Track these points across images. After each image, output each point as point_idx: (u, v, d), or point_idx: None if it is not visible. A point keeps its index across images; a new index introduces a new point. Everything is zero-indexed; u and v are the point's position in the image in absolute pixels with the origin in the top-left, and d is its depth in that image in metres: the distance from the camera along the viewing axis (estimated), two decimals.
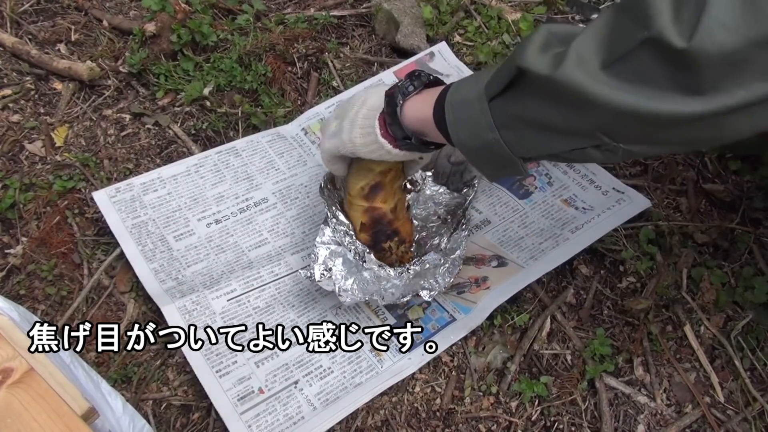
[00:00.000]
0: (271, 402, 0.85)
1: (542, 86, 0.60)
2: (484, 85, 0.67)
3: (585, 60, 0.56)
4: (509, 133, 0.66)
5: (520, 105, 0.64)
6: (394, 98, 0.76)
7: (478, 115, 0.67)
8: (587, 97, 0.56)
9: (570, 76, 0.56)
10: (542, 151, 0.68)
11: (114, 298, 0.98)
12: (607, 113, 0.56)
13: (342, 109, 0.84)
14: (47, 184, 1.09)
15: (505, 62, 0.65)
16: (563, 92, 0.58)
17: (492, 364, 0.91)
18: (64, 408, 0.59)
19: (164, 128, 1.19)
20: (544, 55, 0.60)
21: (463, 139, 0.70)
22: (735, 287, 0.95)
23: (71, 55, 1.30)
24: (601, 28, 0.57)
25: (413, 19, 1.31)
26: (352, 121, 0.80)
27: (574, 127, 0.61)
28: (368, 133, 0.79)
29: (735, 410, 0.86)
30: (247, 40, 1.28)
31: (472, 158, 0.72)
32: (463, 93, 0.70)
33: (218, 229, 1.04)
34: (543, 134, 0.64)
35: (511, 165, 0.70)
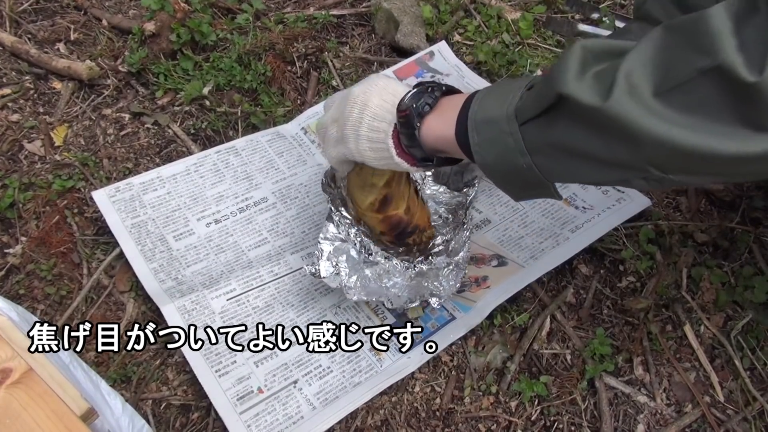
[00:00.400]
0: (270, 401, 0.85)
1: (588, 116, 0.56)
2: (515, 107, 0.62)
3: (636, 87, 0.52)
4: (544, 159, 0.62)
5: (559, 132, 0.59)
6: (411, 120, 0.70)
7: (507, 138, 0.62)
8: (641, 132, 0.52)
9: (622, 108, 0.52)
10: (581, 180, 0.64)
11: (113, 298, 0.97)
12: (662, 149, 0.53)
13: (339, 110, 0.77)
14: (46, 183, 1.09)
15: (541, 86, 0.61)
16: (612, 124, 0.54)
17: (492, 364, 0.91)
18: (63, 408, 0.59)
19: (163, 128, 1.19)
20: (585, 77, 0.56)
21: (489, 161, 0.65)
22: (735, 287, 0.95)
23: (70, 54, 1.30)
24: (652, 50, 0.53)
25: (413, 19, 1.31)
26: (356, 131, 0.75)
27: (622, 159, 0.57)
28: (380, 149, 0.74)
29: (735, 410, 0.86)
30: (246, 40, 1.28)
31: (498, 180, 0.68)
32: (489, 111, 0.64)
33: (218, 228, 1.04)
34: (583, 163, 0.60)
35: (542, 188, 0.66)
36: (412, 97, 0.71)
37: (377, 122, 0.73)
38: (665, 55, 0.52)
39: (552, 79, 0.58)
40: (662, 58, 0.52)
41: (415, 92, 0.72)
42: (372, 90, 0.75)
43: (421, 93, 0.71)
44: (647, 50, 0.53)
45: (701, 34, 0.49)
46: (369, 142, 0.75)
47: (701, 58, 0.49)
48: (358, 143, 0.75)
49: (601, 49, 0.58)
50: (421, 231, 0.91)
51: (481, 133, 0.65)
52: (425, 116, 0.70)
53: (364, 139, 0.74)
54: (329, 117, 0.80)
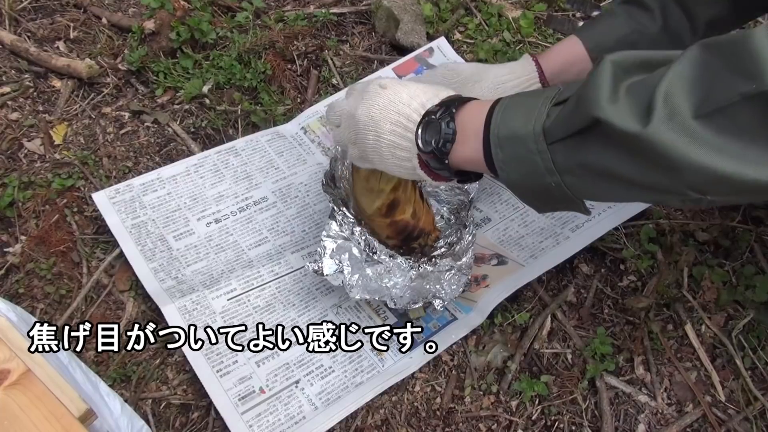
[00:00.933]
0: (272, 402, 0.85)
1: (624, 141, 0.54)
2: (542, 125, 0.60)
3: (676, 110, 0.51)
4: (574, 179, 0.60)
5: (591, 154, 0.58)
6: (437, 156, 0.69)
7: (535, 157, 0.61)
8: (681, 159, 0.51)
9: (663, 135, 0.51)
10: (612, 199, 0.62)
11: (113, 297, 0.97)
12: (702, 175, 0.51)
13: (352, 134, 0.75)
14: (46, 182, 1.09)
15: (573, 105, 0.59)
16: (651, 150, 0.52)
17: (492, 363, 0.91)
18: (61, 410, 0.59)
19: (163, 126, 1.19)
20: (619, 96, 0.54)
21: (515, 179, 0.64)
22: (736, 286, 0.95)
23: (70, 52, 1.29)
24: (691, 70, 0.52)
25: (413, 17, 1.31)
26: (379, 155, 0.73)
27: (659, 184, 0.56)
28: (409, 172, 0.73)
29: (736, 409, 0.86)
30: (246, 38, 1.28)
31: (523, 196, 0.67)
32: (513, 128, 0.62)
33: (218, 228, 1.03)
34: (617, 185, 0.59)
35: (570, 204, 0.64)
36: (428, 131, 0.69)
37: (398, 151, 0.72)
38: (705, 75, 0.51)
39: (585, 100, 0.56)
40: (702, 79, 0.51)
41: (425, 124, 0.69)
42: (376, 113, 0.72)
43: (431, 123, 0.69)
44: (686, 69, 0.52)
45: (744, 56, 0.48)
46: (396, 167, 0.74)
47: (745, 82, 0.48)
48: (384, 164, 0.75)
49: (632, 63, 0.57)
50: (426, 234, 0.91)
51: (505, 150, 0.63)
52: (450, 148, 0.69)
53: (389, 161, 0.74)
54: (346, 138, 0.78)
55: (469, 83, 0.91)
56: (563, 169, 0.60)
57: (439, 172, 0.71)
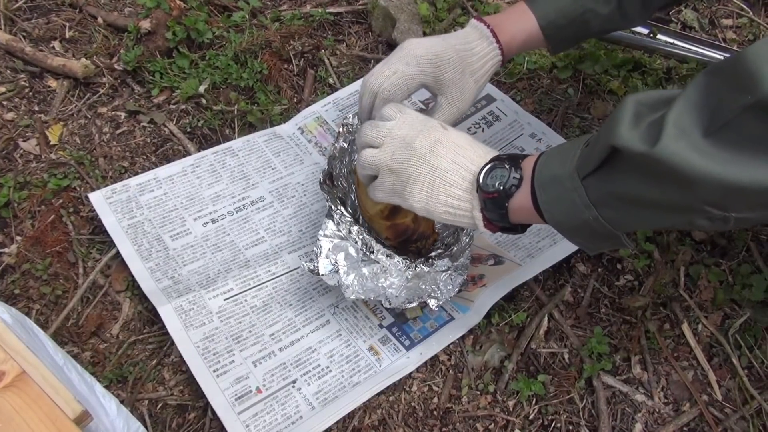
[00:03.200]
0: (269, 401, 0.85)
1: (640, 163, 0.58)
2: (575, 164, 0.64)
3: (684, 131, 0.54)
4: (608, 211, 0.64)
5: (617, 183, 0.61)
6: (500, 201, 0.70)
7: (572, 194, 0.64)
8: (692, 174, 0.54)
9: (670, 150, 0.54)
10: (647, 227, 0.66)
11: (109, 298, 0.97)
12: (716, 188, 0.54)
13: (400, 163, 0.74)
14: (42, 182, 1.09)
15: (595, 140, 0.63)
16: (664, 169, 0.55)
17: (489, 363, 0.91)
18: (56, 412, 0.59)
19: (159, 126, 1.19)
20: (637, 128, 0.58)
21: (559, 218, 0.67)
22: (733, 285, 0.95)
23: (66, 52, 1.29)
24: (696, 95, 0.55)
25: (410, 16, 1.30)
26: (430, 195, 0.73)
27: (679, 203, 0.58)
28: (460, 216, 0.74)
29: (733, 408, 0.86)
30: (242, 37, 1.28)
31: (570, 236, 0.70)
32: (552, 170, 0.67)
33: (215, 228, 1.03)
34: (645, 211, 0.62)
35: (613, 239, 0.67)
36: (492, 175, 0.71)
37: (455, 190, 0.73)
38: (710, 97, 0.54)
39: (605, 133, 0.61)
40: (707, 100, 0.54)
41: (490, 167, 0.71)
42: (441, 151, 0.74)
43: (497, 168, 0.71)
44: (693, 95, 0.55)
45: (740, 72, 0.52)
46: (447, 213, 0.74)
47: (743, 95, 0.51)
48: (429, 206, 0.75)
49: (656, 100, 0.60)
50: (425, 238, 0.91)
51: (547, 192, 0.67)
52: (515, 192, 0.70)
53: (440, 204, 0.74)
54: (385, 163, 0.76)
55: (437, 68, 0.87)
56: (597, 202, 0.63)
57: (494, 222, 0.73)
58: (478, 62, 0.88)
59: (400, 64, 0.83)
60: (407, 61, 0.83)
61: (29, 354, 0.63)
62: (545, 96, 1.22)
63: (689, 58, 1.24)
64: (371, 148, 0.78)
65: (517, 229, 0.75)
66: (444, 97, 0.86)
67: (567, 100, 1.21)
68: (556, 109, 1.20)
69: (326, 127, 1.17)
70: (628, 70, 1.23)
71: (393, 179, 0.76)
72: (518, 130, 1.15)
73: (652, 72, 1.23)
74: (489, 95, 1.20)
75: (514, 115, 1.17)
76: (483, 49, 0.88)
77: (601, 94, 1.21)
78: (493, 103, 1.19)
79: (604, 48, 1.25)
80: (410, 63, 0.83)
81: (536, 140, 1.13)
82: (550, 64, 1.25)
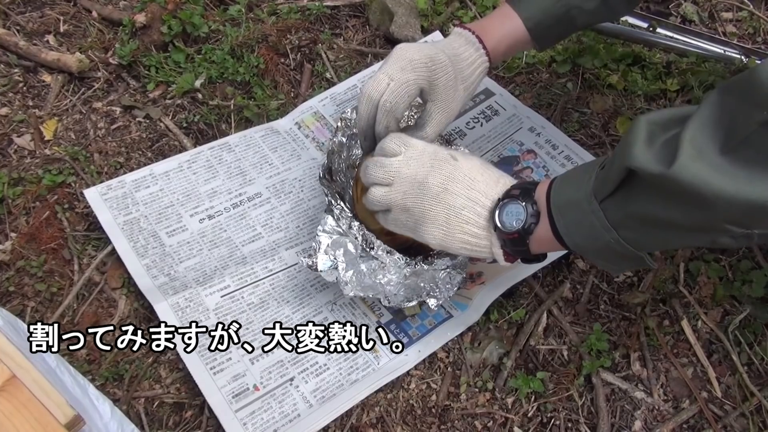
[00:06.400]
0: (266, 399, 0.85)
1: (657, 185, 0.58)
2: (591, 187, 0.64)
3: (701, 150, 0.54)
4: (629, 233, 0.64)
5: (635, 205, 0.61)
6: (522, 239, 0.70)
7: (591, 217, 0.64)
8: (711, 194, 0.54)
9: (688, 171, 0.54)
10: (669, 246, 0.66)
11: (105, 295, 0.96)
12: (735, 206, 0.54)
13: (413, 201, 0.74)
14: (36, 178, 1.07)
15: (610, 163, 0.63)
16: (681, 189, 0.55)
17: (488, 360, 0.90)
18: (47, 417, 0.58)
19: (155, 121, 1.17)
20: (652, 148, 0.58)
21: (579, 242, 0.67)
22: (732, 281, 0.95)
23: (60, 46, 1.28)
24: (710, 113, 0.55)
25: (408, 10, 1.29)
26: (447, 231, 0.73)
27: (699, 223, 0.58)
28: (478, 252, 0.74)
29: (732, 405, 0.86)
30: (239, 31, 1.26)
31: (593, 259, 0.70)
32: (568, 195, 0.67)
33: (211, 224, 1.02)
34: (666, 231, 0.62)
35: (635, 260, 0.67)
36: (507, 212, 0.71)
37: (472, 228, 0.73)
38: (725, 114, 0.54)
39: (620, 155, 0.61)
40: (722, 118, 0.54)
41: (504, 204, 0.71)
42: (455, 187, 0.73)
43: (512, 203, 0.71)
44: (706, 113, 0.55)
45: (755, 89, 0.52)
46: (464, 249, 0.75)
47: (758, 111, 0.51)
48: (446, 243, 0.75)
49: (668, 119, 0.60)
50: (426, 247, 0.90)
51: (565, 217, 0.67)
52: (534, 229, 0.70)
53: (457, 242, 0.74)
54: (397, 204, 0.76)
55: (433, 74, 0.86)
56: (617, 223, 0.64)
57: (514, 253, 0.73)
58: (468, 68, 0.86)
59: (396, 69, 0.79)
60: (402, 66, 0.79)
61: (20, 357, 0.62)
62: (544, 90, 1.21)
63: (689, 52, 1.23)
64: (380, 186, 0.77)
65: (538, 258, 0.75)
66: (434, 104, 0.83)
67: (566, 95, 1.20)
68: (555, 103, 1.19)
69: (324, 122, 1.16)
70: (627, 64, 1.22)
71: (406, 217, 0.76)
72: (517, 124, 1.14)
73: (652, 66, 1.22)
74: (488, 89, 1.19)
75: (513, 110, 1.16)
76: (471, 55, 0.86)
77: (600, 89, 1.20)
78: (491, 98, 1.18)
79: (603, 42, 1.24)
80: (406, 68, 0.80)
81: (535, 134, 1.12)
82: (548, 58, 1.24)
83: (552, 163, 1.09)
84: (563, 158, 1.09)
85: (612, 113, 1.16)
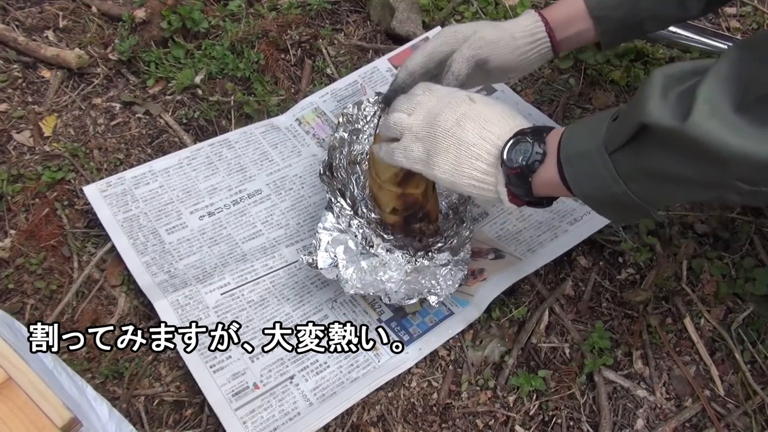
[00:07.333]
0: (266, 398, 0.84)
1: (670, 139, 0.57)
2: (603, 139, 0.64)
3: (715, 106, 0.53)
4: (637, 186, 0.64)
5: (646, 158, 0.61)
6: (524, 176, 0.71)
7: (600, 168, 0.65)
8: (724, 151, 0.53)
9: (702, 128, 0.53)
10: (676, 201, 0.65)
11: (105, 292, 0.96)
12: (748, 165, 0.54)
13: (426, 132, 0.75)
14: (36, 175, 1.07)
15: (624, 116, 0.63)
16: (694, 146, 0.55)
17: (489, 358, 0.90)
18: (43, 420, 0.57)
19: (155, 117, 1.17)
20: (666, 101, 0.57)
21: (587, 192, 0.67)
22: (735, 279, 0.94)
23: (59, 42, 1.27)
24: (729, 68, 0.55)
25: (409, 5, 1.28)
26: (456, 168, 0.74)
27: (710, 179, 0.58)
28: (485, 190, 0.75)
29: (735, 404, 0.86)
30: (239, 27, 1.26)
31: (599, 209, 0.70)
32: (578, 145, 0.67)
33: (211, 221, 1.02)
34: (674, 186, 0.62)
35: (642, 211, 0.67)
36: (516, 150, 0.71)
37: (479, 163, 0.73)
38: (743, 71, 0.54)
39: (633, 108, 0.60)
40: (740, 75, 0.54)
41: (515, 142, 0.72)
42: (468, 125, 0.74)
43: (522, 142, 0.71)
44: (724, 68, 0.55)
45: None
46: (469, 180, 0.75)
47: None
48: (454, 178, 0.75)
49: (682, 71, 0.60)
50: (429, 221, 0.90)
51: (574, 167, 0.67)
52: (538, 167, 0.71)
53: (465, 177, 0.74)
54: (411, 129, 0.77)
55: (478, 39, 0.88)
56: (626, 176, 0.64)
57: (521, 197, 0.73)
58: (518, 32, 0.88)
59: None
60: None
61: (16, 358, 0.61)
62: (546, 86, 1.20)
63: (692, 48, 1.22)
64: (401, 113, 0.79)
65: (542, 202, 0.75)
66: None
67: (568, 91, 1.19)
68: (557, 99, 1.18)
69: (324, 118, 1.15)
70: (630, 60, 1.21)
71: (418, 147, 0.77)
72: None
73: (655, 62, 1.21)
74: (489, 86, 1.18)
75: (515, 106, 1.15)
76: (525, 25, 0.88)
77: (603, 85, 1.19)
78: (492, 94, 1.18)
79: None
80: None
81: None
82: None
83: None
84: None
85: None
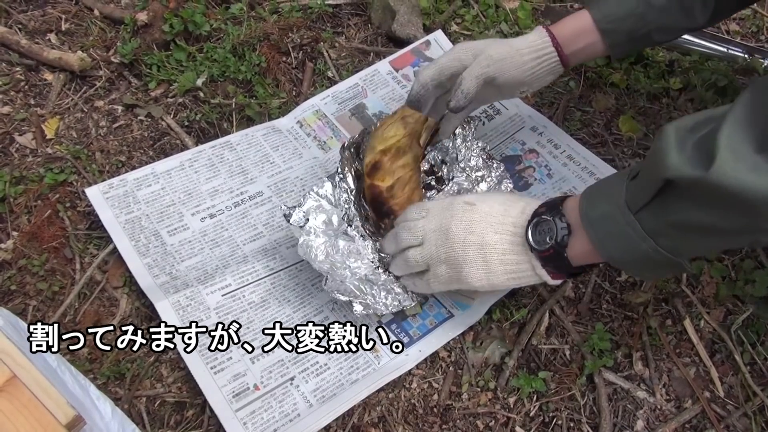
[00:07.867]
0: (266, 399, 0.84)
1: (695, 190, 0.57)
2: (624, 199, 0.64)
3: (737, 150, 0.53)
4: (666, 240, 0.64)
5: (673, 213, 0.61)
6: (559, 254, 0.72)
7: (626, 229, 0.65)
8: (752, 196, 0.53)
9: (727, 174, 0.53)
10: (708, 251, 0.67)
11: (107, 294, 0.96)
12: None
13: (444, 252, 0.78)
14: (38, 177, 1.07)
15: (644, 173, 0.63)
16: (721, 192, 0.55)
17: (490, 360, 0.90)
18: (47, 417, 0.57)
19: (157, 120, 1.17)
20: (684, 153, 0.57)
21: (616, 254, 0.68)
22: (735, 280, 0.94)
23: (62, 45, 1.28)
24: (746, 111, 0.55)
25: (409, 8, 1.29)
26: (487, 269, 0.76)
27: (741, 226, 0.58)
28: (525, 277, 0.77)
29: (735, 405, 0.86)
30: (240, 30, 1.26)
31: (631, 269, 0.71)
32: (600, 208, 0.68)
33: (212, 223, 1.02)
34: (705, 236, 0.61)
35: (674, 266, 0.67)
36: (539, 231, 0.72)
37: (510, 256, 0.75)
38: (759, 112, 0.54)
39: (654, 166, 0.61)
40: (757, 117, 0.54)
41: (535, 224, 0.72)
42: (476, 227, 0.75)
43: (542, 222, 0.72)
44: (740, 112, 0.55)
45: None
46: (512, 280, 0.77)
47: None
48: (492, 281, 0.77)
49: (694, 122, 0.60)
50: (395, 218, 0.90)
51: (598, 231, 0.68)
52: (568, 241, 0.71)
53: (501, 275, 0.76)
54: (434, 257, 0.79)
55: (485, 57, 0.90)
56: (654, 233, 0.64)
57: (560, 271, 0.74)
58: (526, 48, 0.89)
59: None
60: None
61: (20, 356, 0.62)
62: (546, 89, 1.20)
63: (692, 51, 1.22)
64: (413, 248, 0.80)
65: (584, 269, 0.76)
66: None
67: (568, 93, 1.19)
68: (557, 102, 1.18)
69: (325, 120, 1.15)
70: (630, 63, 1.22)
71: (445, 269, 0.78)
72: (519, 123, 1.14)
73: (654, 64, 1.21)
74: None
75: (515, 109, 1.16)
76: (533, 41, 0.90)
77: (603, 87, 1.19)
78: None
79: None
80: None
81: (537, 134, 1.12)
82: None
83: (554, 162, 1.08)
84: (565, 157, 1.09)
85: (614, 112, 1.16)
